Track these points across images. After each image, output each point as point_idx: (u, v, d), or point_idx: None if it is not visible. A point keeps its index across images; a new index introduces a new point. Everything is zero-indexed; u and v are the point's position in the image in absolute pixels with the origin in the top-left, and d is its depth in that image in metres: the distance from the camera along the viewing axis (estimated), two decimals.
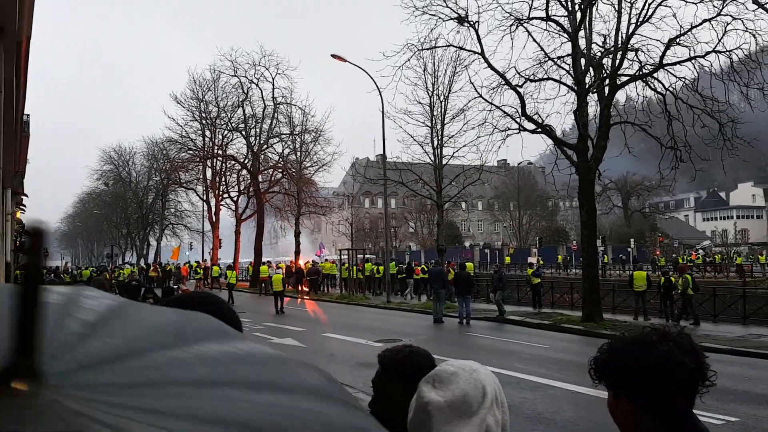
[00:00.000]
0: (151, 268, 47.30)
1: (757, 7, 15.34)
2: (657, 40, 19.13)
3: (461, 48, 22.37)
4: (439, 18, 21.23)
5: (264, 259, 42.19)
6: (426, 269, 31.45)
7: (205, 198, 50.93)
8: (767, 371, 11.99)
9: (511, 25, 20.22)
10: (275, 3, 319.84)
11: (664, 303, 20.97)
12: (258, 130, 43.58)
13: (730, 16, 17.30)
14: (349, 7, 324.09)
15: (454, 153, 32.31)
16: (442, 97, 32.12)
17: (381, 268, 34.97)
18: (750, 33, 17.22)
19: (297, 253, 42.61)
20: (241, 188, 48.05)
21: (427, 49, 23.88)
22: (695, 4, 17.93)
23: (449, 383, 1.62)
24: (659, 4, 18.54)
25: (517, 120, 21.18)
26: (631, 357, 1.64)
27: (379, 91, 27.70)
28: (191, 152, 47.27)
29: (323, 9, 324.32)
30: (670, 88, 19.69)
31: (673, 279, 20.87)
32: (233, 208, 48.49)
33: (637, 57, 19.66)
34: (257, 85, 42.05)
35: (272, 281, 30.56)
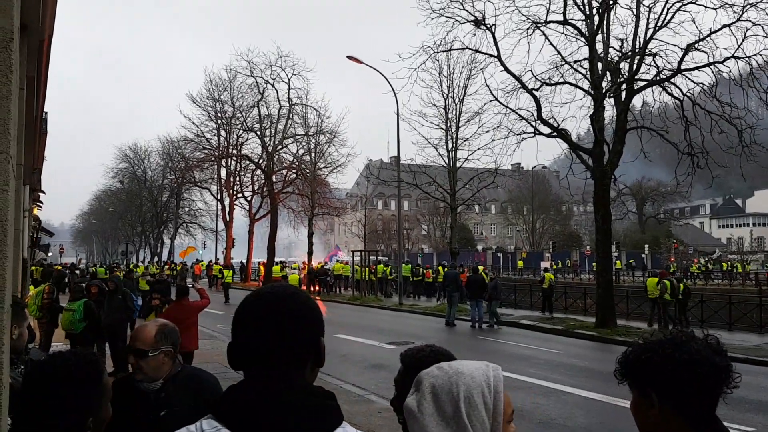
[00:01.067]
0: (165, 266, 47.63)
1: None
2: (675, 45, 19.00)
3: (477, 51, 22.35)
4: (456, 21, 21.24)
5: (277, 259, 42.32)
6: (441, 271, 31.31)
7: (219, 197, 51.28)
8: None
9: (528, 29, 20.17)
10: (293, 5, 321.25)
11: (678, 309, 20.81)
12: (273, 130, 43.79)
13: (750, 21, 17.15)
14: (366, 8, 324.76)
15: (468, 156, 32.28)
16: (457, 100, 32.10)
17: (387, 269, 35.05)
18: None
19: (310, 253, 42.73)
20: (255, 188, 48.31)
21: (443, 51, 23.90)
22: (715, 9, 17.78)
23: (421, 385, 1.55)
24: (678, 9, 18.42)
25: (533, 123, 21.11)
26: (664, 354, 1.63)
27: (394, 93, 27.77)
28: (206, 151, 47.61)
29: (340, 10, 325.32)
30: (688, 94, 19.54)
31: (681, 286, 20.73)
32: (247, 207, 48.76)
33: (655, 62, 19.53)
34: (273, 85, 42.28)
35: (288, 280, 30.76)
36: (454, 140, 32.34)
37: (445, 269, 28.00)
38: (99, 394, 2.05)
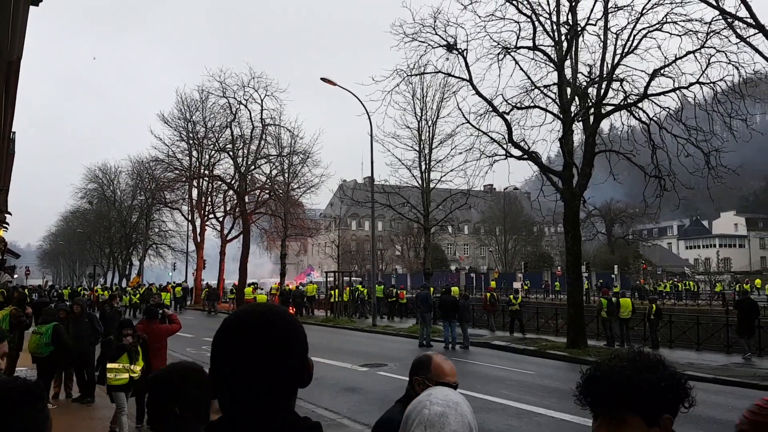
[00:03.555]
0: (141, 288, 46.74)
1: (739, 40, 15.69)
2: (642, 71, 19.50)
3: (450, 75, 22.66)
4: (429, 45, 21.52)
5: (250, 280, 41.86)
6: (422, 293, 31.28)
7: (190, 218, 50.66)
8: (751, 401, 11.99)
9: (498, 54, 20.52)
10: (266, 26, 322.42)
11: (649, 330, 21.14)
12: (246, 150, 43.58)
13: (714, 48, 17.66)
14: (340, 32, 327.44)
15: (441, 177, 32.59)
16: (430, 122, 32.49)
17: (365, 290, 34.91)
18: (733, 65, 17.56)
19: (282, 275, 42.38)
20: (227, 209, 47.88)
21: (416, 75, 24.18)
22: (680, 36, 18.30)
23: (441, 427, 1.62)
24: (644, 36, 18.93)
25: (504, 146, 21.40)
26: (656, 375, 1.62)
27: (368, 115, 27.93)
28: (177, 172, 47.11)
29: (313, 34, 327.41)
30: (655, 118, 20.02)
31: (653, 307, 21.16)
32: (218, 228, 48.25)
33: (622, 87, 20.00)
34: (246, 106, 42.15)
35: (256, 300, 30.45)
36: (427, 162, 32.63)
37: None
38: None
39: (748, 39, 15.14)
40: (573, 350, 18.37)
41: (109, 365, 8.61)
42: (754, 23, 14.16)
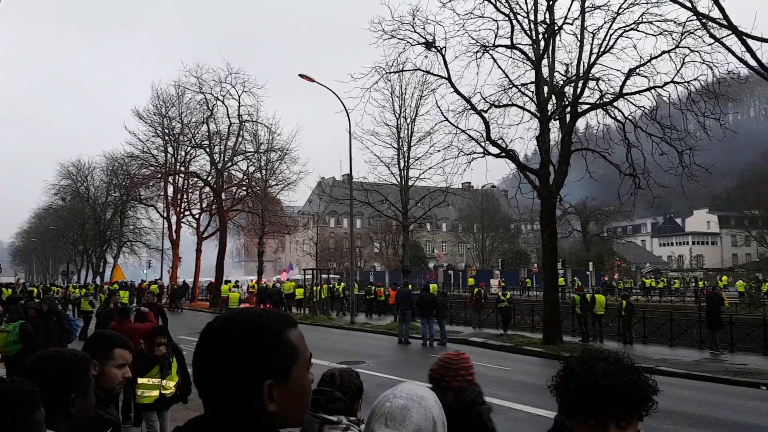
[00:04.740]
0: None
1: (713, 41, 15.93)
2: (617, 70, 19.72)
3: (428, 72, 22.69)
4: (407, 42, 21.51)
5: (226, 278, 41.51)
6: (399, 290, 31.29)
7: (165, 215, 50.01)
8: (723, 396, 12.23)
9: (477, 52, 20.59)
10: (243, 22, 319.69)
11: (623, 326, 21.42)
12: (222, 147, 43.16)
13: (689, 48, 17.93)
14: (318, 28, 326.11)
15: (420, 175, 32.64)
16: (409, 120, 32.46)
17: (340, 287, 34.88)
18: (707, 65, 17.84)
19: (260, 272, 42.10)
20: (204, 206, 47.39)
21: (395, 72, 24.19)
22: (655, 36, 18.54)
23: (402, 420, 1.60)
24: (620, 36, 19.15)
25: (482, 144, 21.50)
26: (627, 379, 1.64)
27: (347, 112, 27.82)
28: (152, 168, 46.45)
29: (292, 30, 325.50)
30: (630, 117, 20.28)
31: (624, 303, 21.48)
32: (195, 225, 47.72)
33: (598, 86, 20.23)
34: (223, 102, 41.74)
35: (228, 299, 30.21)
36: (406, 159, 32.64)
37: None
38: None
39: (721, 39, 15.37)
40: (549, 346, 18.54)
41: (138, 380, 7.17)
42: (726, 24, 14.38)
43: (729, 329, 19.48)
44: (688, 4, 15.56)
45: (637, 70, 18.97)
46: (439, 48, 21.06)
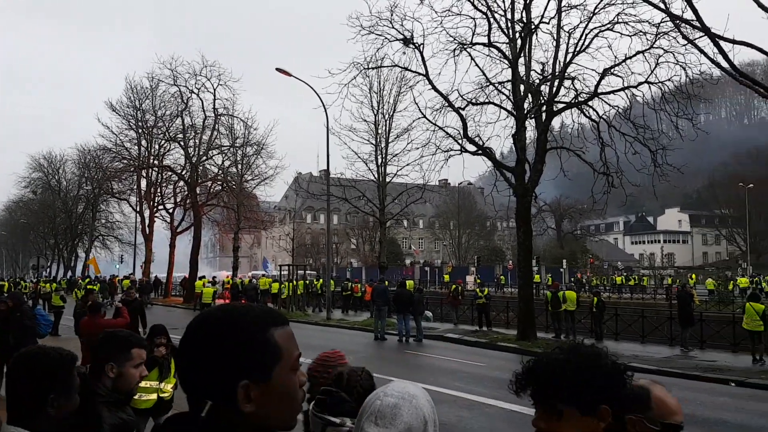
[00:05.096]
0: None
1: (686, 42, 16.19)
2: (593, 70, 19.97)
3: (406, 69, 22.72)
4: (386, 38, 21.50)
5: (200, 274, 41.11)
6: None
7: (138, 209, 49.28)
8: (693, 392, 12.46)
9: (454, 50, 20.66)
10: (219, 15, 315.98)
11: (594, 323, 21.72)
12: (197, 141, 42.65)
13: (662, 49, 18.23)
14: (295, 22, 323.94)
15: (397, 171, 32.66)
16: (387, 116, 32.47)
17: (318, 283, 34.77)
18: (680, 66, 18.17)
19: (235, 268, 41.80)
20: (178, 200, 46.78)
21: (373, 68, 24.16)
22: (630, 36, 18.79)
23: (393, 418, 1.59)
24: (596, 36, 19.38)
25: (459, 141, 21.60)
26: (589, 365, 1.62)
27: (325, 107, 27.67)
28: (125, 161, 45.77)
29: (268, 23, 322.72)
30: (604, 116, 20.52)
31: (595, 300, 21.77)
32: (168, 220, 47.13)
33: (573, 85, 20.44)
34: (198, 95, 41.25)
35: (202, 294, 29.92)
36: (383, 155, 32.64)
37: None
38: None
39: (694, 41, 15.62)
40: (523, 342, 18.73)
41: None
42: (700, 26, 14.61)
43: (699, 327, 19.86)
44: (662, 6, 15.77)
45: (612, 70, 19.22)
46: (417, 45, 21.09)
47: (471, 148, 21.27)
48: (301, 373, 1.30)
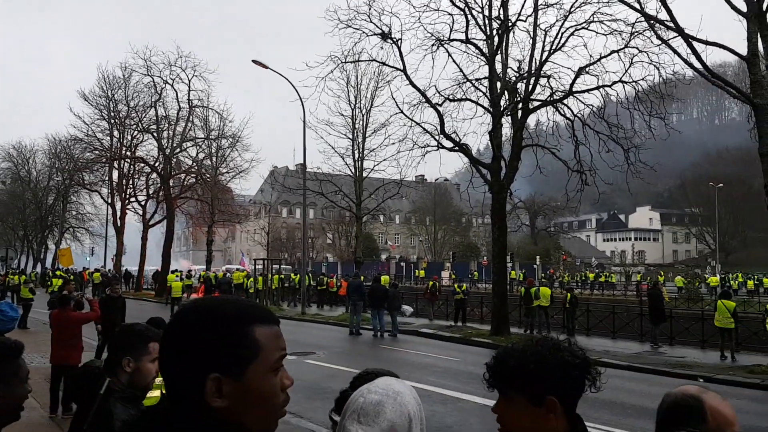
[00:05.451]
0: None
1: (661, 42, 16.42)
2: (568, 68, 20.12)
3: (384, 63, 22.65)
4: (363, 33, 21.41)
5: (173, 268, 40.60)
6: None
7: (110, 201, 48.49)
8: (662, 387, 12.62)
9: (432, 45, 20.68)
10: (195, 7, 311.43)
11: (567, 318, 21.97)
12: (171, 132, 42.07)
13: (637, 48, 18.45)
14: (273, 16, 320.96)
15: (374, 166, 32.67)
16: (364, 111, 32.42)
17: (296, 277, 34.62)
18: (654, 66, 18.43)
19: (209, 261, 41.40)
20: (150, 192, 46.11)
21: (351, 62, 24.04)
22: (605, 35, 18.98)
23: (376, 416, 1.55)
24: (571, 34, 19.52)
25: (436, 137, 21.64)
26: (539, 357, 1.64)
27: (301, 100, 27.47)
28: (97, 152, 44.96)
29: (246, 16, 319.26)
30: (578, 115, 20.75)
31: (568, 296, 22.03)
32: (140, 212, 46.45)
33: (549, 83, 20.58)
34: (172, 86, 40.67)
35: (171, 288, 29.62)
36: (360, 150, 32.60)
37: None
38: None
39: (668, 41, 15.86)
40: (496, 337, 18.87)
41: None
42: (674, 26, 14.82)
43: (669, 323, 20.21)
44: (637, 6, 15.97)
45: (587, 69, 19.40)
46: (395, 39, 21.04)
47: (448, 144, 21.35)
48: (285, 376, 1.24)
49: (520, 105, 20.48)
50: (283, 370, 1.24)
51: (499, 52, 20.54)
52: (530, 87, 20.20)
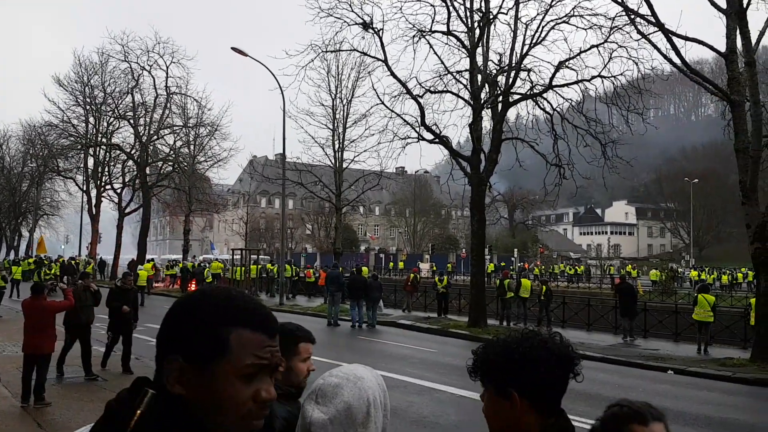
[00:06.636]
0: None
1: (640, 37, 16.56)
2: (548, 62, 20.28)
3: (365, 54, 22.54)
4: (344, 22, 21.25)
5: (149, 257, 40.19)
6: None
7: (85, 188, 47.74)
8: (636, 379, 12.88)
9: (414, 36, 20.61)
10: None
11: (540, 309, 22.22)
12: (148, 119, 41.50)
13: (616, 43, 18.59)
14: (253, 3, 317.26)
15: (354, 157, 32.55)
16: (345, 101, 32.26)
17: (274, 268, 34.45)
18: (633, 61, 18.58)
19: (185, 251, 41.02)
20: (126, 180, 45.48)
21: (332, 51, 23.86)
22: (585, 30, 19.09)
23: (333, 397, 1.57)
24: (552, 28, 19.61)
25: (417, 129, 21.62)
26: (523, 350, 1.65)
27: (281, 89, 27.21)
28: (72, 139, 44.17)
29: (224, 2, 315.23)
30: (558, 109, 20.87)
31: (543, 288, 22.24)
32: (116, 200, 45.80)
33: (529, 77, 20.69)
34: (150, 72, 40.10)
35: (137, 277, 29.42)
36: (341, 141, 32.46)
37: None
38: None
39: (648, 36, 15.97)
40: (474, 329, 18.99)
41: None
42: (654, 21, 14.95)
43: (643, 316, 20.49)
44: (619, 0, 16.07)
45: (567, 63, 19.51)
46: (376, 30, 20.93)
47: (428, 136, 21.33)
48: (264, 388, 1.13)
49: (501, 98, 20.54)
50: (267, 383, 1.15)
51: (480, 44, 20.56)
52: (510, 80, 20.27)
